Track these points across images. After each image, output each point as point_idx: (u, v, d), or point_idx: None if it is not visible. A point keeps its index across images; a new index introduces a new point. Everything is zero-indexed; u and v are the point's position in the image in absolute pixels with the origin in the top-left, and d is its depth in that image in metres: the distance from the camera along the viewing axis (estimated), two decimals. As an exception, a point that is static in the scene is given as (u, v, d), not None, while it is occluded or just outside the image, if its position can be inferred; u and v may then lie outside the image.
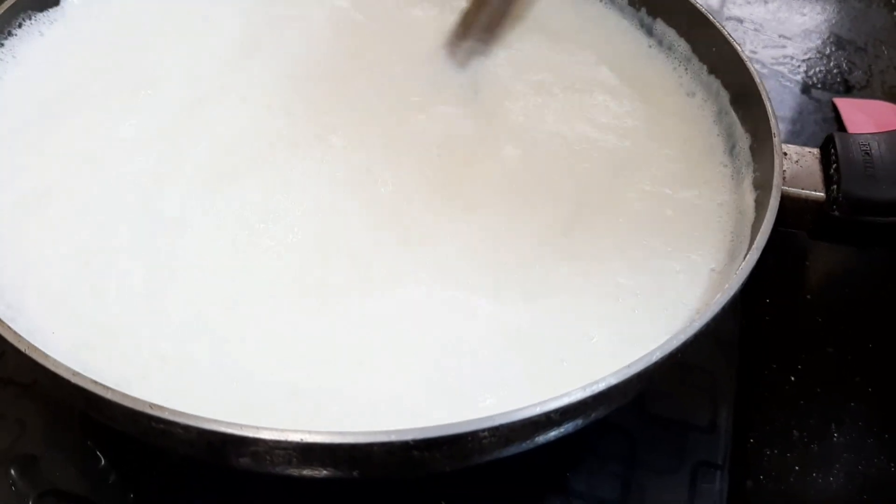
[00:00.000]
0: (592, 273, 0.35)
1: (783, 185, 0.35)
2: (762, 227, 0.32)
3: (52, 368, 0.27)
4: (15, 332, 0.28)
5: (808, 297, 0.52)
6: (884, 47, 0.72)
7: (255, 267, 0.35)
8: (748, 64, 0.39)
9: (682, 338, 0.28)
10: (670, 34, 0.45)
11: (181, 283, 0.34)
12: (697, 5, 0.44)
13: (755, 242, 0.31)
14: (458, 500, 0.37)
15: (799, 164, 0.36)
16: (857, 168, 0.34)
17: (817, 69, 0.69)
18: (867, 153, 0.35)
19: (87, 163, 0.38)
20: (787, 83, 0.68)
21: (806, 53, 0.70)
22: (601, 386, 0.27)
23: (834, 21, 0.74)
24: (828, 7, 0.76)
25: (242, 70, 0.43)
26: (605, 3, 0.48)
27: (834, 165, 0.35)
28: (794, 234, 0.51)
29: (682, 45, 0.45)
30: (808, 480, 0.43)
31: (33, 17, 0.43)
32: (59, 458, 0.38)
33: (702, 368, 0.43)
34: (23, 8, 0.42)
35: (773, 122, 0.36)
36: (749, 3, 0.76)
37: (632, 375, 0.27)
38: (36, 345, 0.27)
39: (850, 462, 0.44)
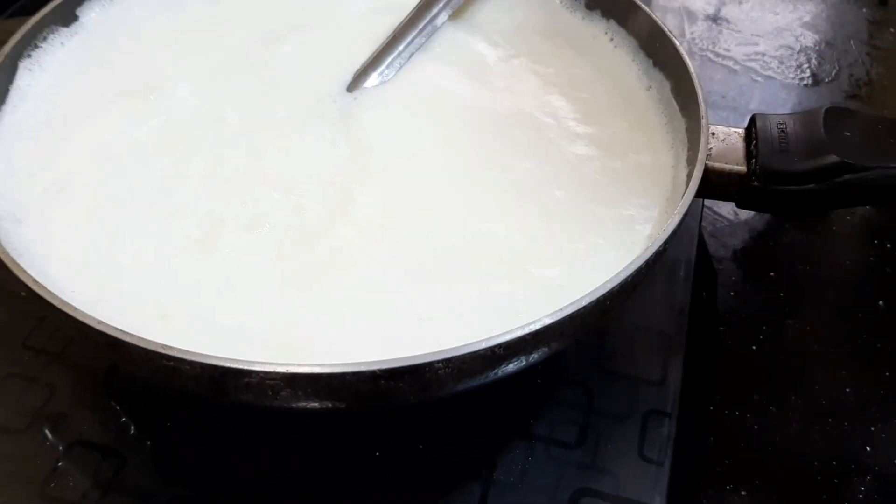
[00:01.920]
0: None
1: (710, 161, 0.40)
2: (684, 195, 0.37)
3: (81, 319, 0.32)
4: (52, 292, 0.33)
5: (772, 274, 0.57)
6: (852, 42, 0.75)
7: (244, 246, 0.40)
8: (682, 54, 0.44)
9: (606, 288, 0.33)
10: (622, 32, 0.50)
11: (185, 257, 0.39)
12: (642, 5, 0.49)
13: (677, 208, 0.36)
14: (433, 442, 0.42)
15: (725, 143, 0.41)
16: (773, 144, 0.39)
17: (787, 64, 0.73)
18: (783, 131, 0.40)
19: (105, 158, 0.43)
20: (758, 78, 0.71)
21: (777, 50, 0.73)
22: (537, 325, 0.32)
23: (805, 19, 0.77)
24: (799, 6, 0.79)
25: (248, 78, 0.48)
26: (567, 7, 0.53)
27: (754, 142, 0.40)
28: (757, 220, 0.56)
29: (631, 42, 0.50)
30: (767, 440, 0.46)
31: (56, 31, 0.49)
32: (85, 415, 0.43)
33: (658, 331, 0.47)
34: (47, 23, 0.48)
35: (701, 106, 0.41)
36: (724, 3, 0.80)
37: (564, 317, 0.32)
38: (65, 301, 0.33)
39: (809, 424, 0.47)
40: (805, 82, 0.71)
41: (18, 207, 0.40)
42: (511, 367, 0.34)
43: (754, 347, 0.51)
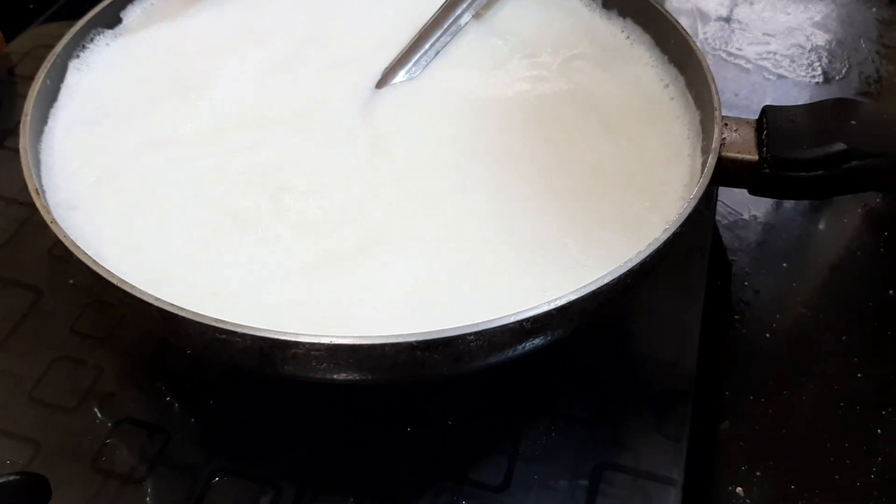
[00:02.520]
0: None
1: (723, 150, 0.42)
2: (699, 183, 0.39)
3: (140, 296, 0.35)
4: (112, 273, 0.35)
5: (784, 265, 0.59)
6: (862, 41, 0.77)
7: (284, 230, 0.42)
8: (695, 48, 0.46)
9: (627, 267, 0.35)
10: (637, 30, 0.53)
11: (229, 240, 0.42)
12: (657, 4, 0.51)
13: (693, 194, 0.39)
14: (462, 419, 0.44)
15: (737, 133, 0.43)
16: (783, 133, 0.41)
17: (799, 63, 0.74)
18: (793, 121, 0.42)
19: (151, 151, 0.46)
20: (770, 76, 0.73)
21: (789, 49, 0.74)
22: (562, 301, 0.34)
23: (816, 19, 0.78)
24: (810, 6, 0.80)
25: (283, 77, 0.50)
26: (586, 5, 0.56)
27: (765, 132, 0.42)
28: (770, 213, 0.58)
29: (647, 39, 0.52)
30: (780, 423, 0.48)
31: (102, 33, 0.51)
32: (131, 394, 0.45)
33: (675, 316, 0.49)
34: (93, 25, 0.50)
35: (714, 98, 0.43)
36: (736, 4, 0.82)
37: (587, 293, 0.34)
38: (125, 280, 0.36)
39: (821, 408, 0.49)
40: (816, 80, 0.72)
41: (73, 195, 0.43)
42: (538, 340, 0.36)
43: (768, 335, 0.53)
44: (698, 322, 0.49)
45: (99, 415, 0.44)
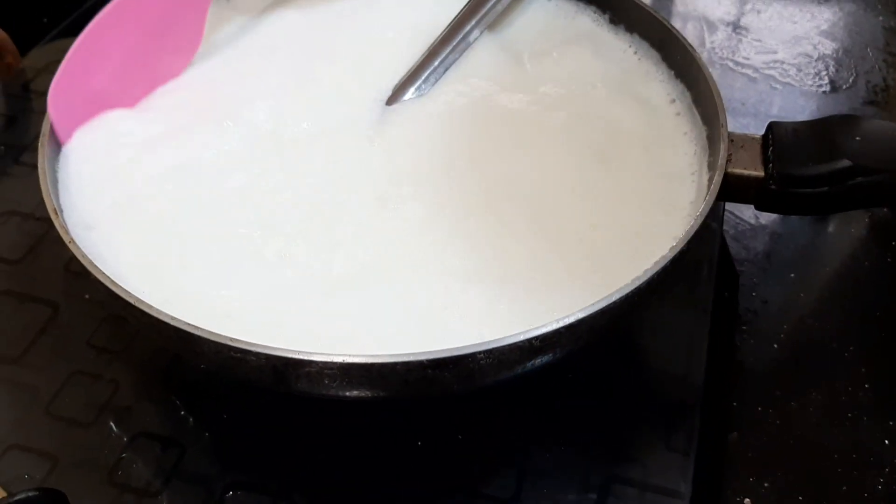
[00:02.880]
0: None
1: (729, 166, 0.43)
2: (705, 199, 0.40)
3: (157, 316, 0.35)
4: (129, 293, 0.36)
5: (792, 275, 0.59)
6: (868, 49, 0.77)
7: (297, 251, 0.43)
8: (702, 64, 0.47)
9: (634, 285, 0.36)
10: (644, 45, 0.53)
11: (245, 262, 0.42)
12: (664, 20, 0.51)
13: (699, 210, 0.39)
14: (471, 433, 0.44)
15: (743, 149, 0.43)
16: (788, 149, 0.42)
17: (806, 72, 0.75)
18: (798, 137, 0.42)
19: (167, 174, 0.46)
20: (777, 85, 0.73)
21: (796, 58, 0.75)
22: (570, 319, 0.35)
23: (823, 27, 0.78)
24: (817, 15, 0.80)
25: (296, 98, 0.51)
26: (594, 21, 0.56)
27: (771, 148, 0.43)
28: (777, 224, 0.58)
29: (654, 54, 0.53)
30: (788, 434, 0.48)
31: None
32: (147, 408, 0.46)
33: (682, 328, 0.49)
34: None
35: (721, 114, 0.44)
36: (743, 13, 0.82)
37: (595, 311, 0.35)
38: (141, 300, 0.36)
39: (829, 418, 0.49)
40: (823, 89, 0.72)
41: (88, 216, 0.44)
42: (547, 358, 0.36)
43: (775, 346, 0.53)
44: (706, 334, 0.49)
45: (115, 429, 0.45)
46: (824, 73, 0.74)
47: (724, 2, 0.82)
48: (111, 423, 0.45)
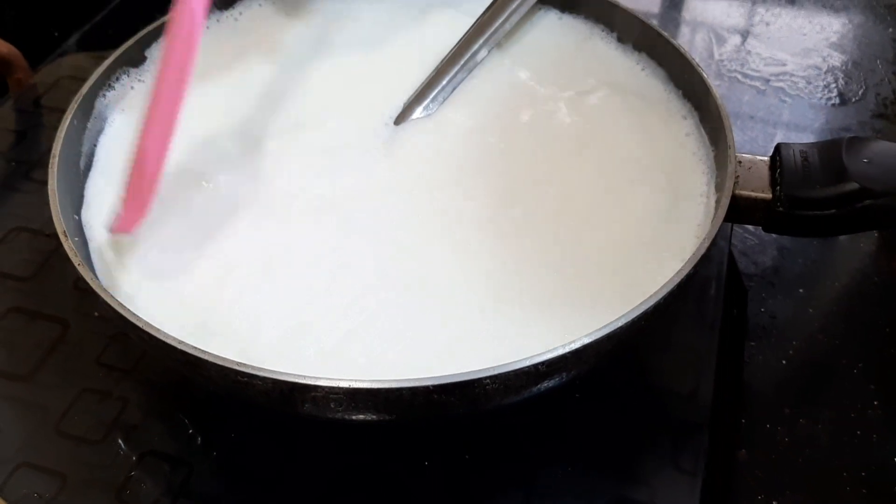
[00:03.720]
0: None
1: (737, 188, 0.43)
2: (713, 221, 0.40)
3: (165, 339, 0.36)
4: (143, 319, 0.37)
5: (801, 290, 0.59)
6: (878, 62, 0.77)
7: (301, 272, 0.43)
8: (710, 86, 0.47)
9: (641, 310, 0.36)
10: (652, 64, 0.53)
11: (248, 284, 0.43)
12: (671, 39, 0.51)
13: (707, 233, 0.39)
14: (478, 453, 0.44)
15: (751, 171, 0.43)
16: (796, 172, 0.42)
17: (815, 84, 0.74)
18: (806, 159, 0.42)
19: (175, 195, 0.46)
20: (786, 98, 0.73)
21: (805, 70, 0.75)
22: (577, 345, 0.35)
23: (832, 40, 0.78)
24: (827, 27, 0.80)
25: (307, 118, 0.51)
26: (602, 40, 0.56)
27: (778, 170, 0.43)
28: (786, 238, 0.58)
29: (661, 73, 0.52)
30: (797, 452, 0.48)
31: (127, 71, 0.53)
32: (155, 426, 0.46)
33: (690, 347, 0.49)
34: (120, 64, 0.52)
35: (728, 136, 0.44)
36: (752, 25, 0.82)
37: (601, 336, 0.35)
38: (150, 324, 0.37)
39: (838, 436, 0.49)
40: (832, 102, 0.72)
41: (97, 234, 0.44)
42: (553, 382, 0.36)
43: (784, 362, 0.53)
44: (714, 353, 0.49)
45: (123, 447, 0.45)
46: (833, 85, 0.74)
47: (733, 14, 0.82)
48: (119, 441, 0.46)
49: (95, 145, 0.49)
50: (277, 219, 0.45)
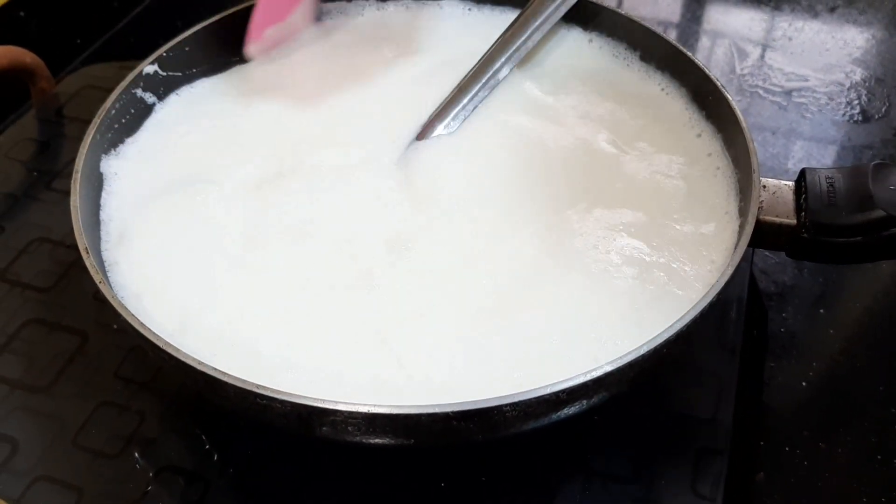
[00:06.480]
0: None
1: (761, 213, 0.42)
2: (736, 247, 0.39)
3: (185, 360, 0.35)
4: (162, 338, 0.37)
5: (822, 311, 0.58)
6: (901, 77, 0.77)
7: (316, 301, 0.43)
8: (736, 110, 0.46)
9: (663, 337, 0.35)
10: (674, 83, 0.53)
11: (264, 305, 0.43)
12: (696, 60, 0.51)
13: (730, 259, 0.39)
14: (496, 475, 0.44)
15: (775, 196, 0.43)
16: (822, 198, 0.41)
17: (837, 101, 0.73)
18: (831, 185, 0.42)
19: (188, 220, 0.47)
20: (808, 114, 0.72)
21: (827, 86, 0.74)
22: (598, 373, 0.34)
23: (855, 55, 0.77)
24: (850, 42, 0.80)
25: (327, 135, 0.52)
26: (625, 59, 0.56)
27: (804, 196, 0.42)
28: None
29: (683, 93, 0.52)
30: (816, 476, 0.48)
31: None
32: (172, 441, 0.46)
33: (710, 371, 0.49)
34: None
35: (753, 160, 0.43)
36: (774, 40, 0.81)
37: (623, 364, 0.35)
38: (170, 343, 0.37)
39: (858, 460, 0.48)
40: (855, 119, 0.72)
41: (109, 257, 0.45)
42: (573, 409, 0.36)
43: (804, 384, 0.52)
44: (735, 377, 0.49)
45: (140, 461, 0.46)
46: (856, 102, 0.74)
47: (756, 28, 0.82)
48: (136, 455, 0.46)
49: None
50: (297, 243, 0.46)
